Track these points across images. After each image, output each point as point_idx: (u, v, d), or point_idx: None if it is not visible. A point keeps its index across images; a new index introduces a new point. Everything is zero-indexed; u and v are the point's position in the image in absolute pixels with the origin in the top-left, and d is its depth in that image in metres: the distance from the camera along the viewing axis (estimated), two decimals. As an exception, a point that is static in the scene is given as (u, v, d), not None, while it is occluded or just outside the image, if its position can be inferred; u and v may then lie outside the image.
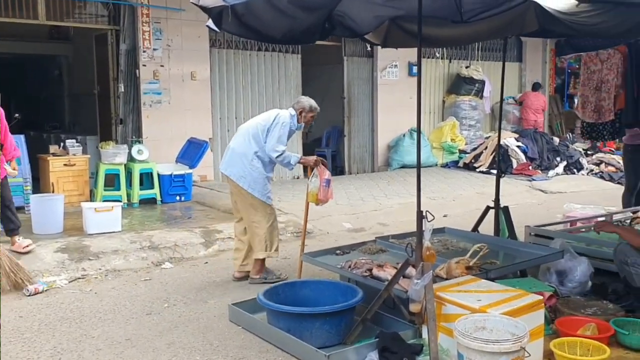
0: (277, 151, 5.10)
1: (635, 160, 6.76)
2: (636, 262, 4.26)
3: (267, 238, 5.24)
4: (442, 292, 3.76)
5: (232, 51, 10.10)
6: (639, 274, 4.27)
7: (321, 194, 5.20)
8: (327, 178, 5.22)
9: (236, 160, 5.23)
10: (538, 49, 14.96)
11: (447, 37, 5.29)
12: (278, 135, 5.10)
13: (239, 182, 5.20)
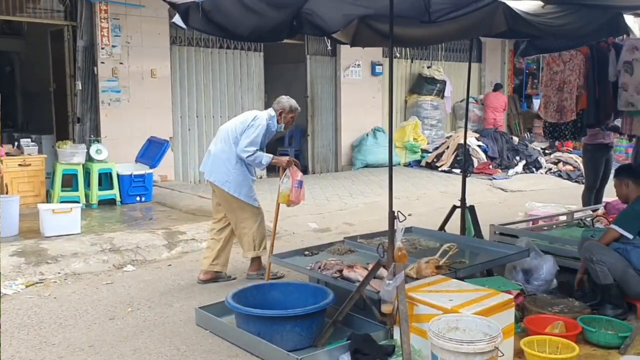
0: (247, 152, 5.05)
1: (595, 159, 6.92)
2: (601, 260, 4.34)
3: (254, 237, 5.26)
4: (413, 293, 3.75)
5: (193, 49, 9.92)
6: (604, 272, 4.33)
7: (293, 195, 5.16)
8: (299, 179, 5.17)
9: (219, 165, 5.18)
10: (497, 49, 15.21)
11: (415, 37, 5.29)
12: (251, 137, 5.06)
13: (224, 187, 5.16)
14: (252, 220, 5.24)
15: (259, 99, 10.76)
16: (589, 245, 4.46)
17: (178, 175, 9.78)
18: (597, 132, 6.76)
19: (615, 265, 4.34)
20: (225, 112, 10.30)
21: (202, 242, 6.43)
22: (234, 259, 6.04)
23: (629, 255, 4.41)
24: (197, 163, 10.04)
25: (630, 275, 4.33)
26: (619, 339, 3.89)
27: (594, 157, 6.94)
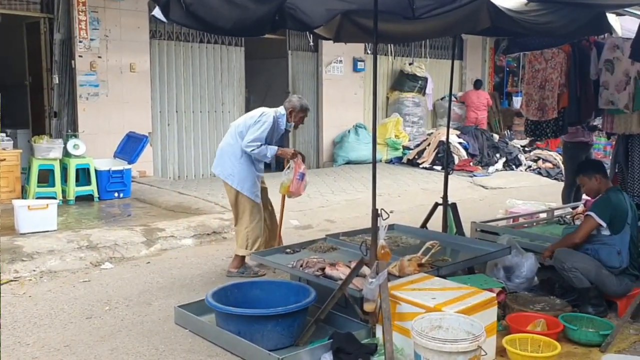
0: (251, 146, 5.12)
1: (575, 157, 6.96)
2: (573, 267, 4.37)
3: (249, 236, 5.25)
4: (396, 291, 3.72)
5: (173, 43, 9.78)
6: (578, 277, 4.37)
7: (293, 187, 5.28)
8: (301, 171, 5.28)
9: (225, 159, 5.30)
10: (478, 47, 15.27)
11: (399, 33, 5.25)
12: (255, 133, 5.13)
13: (228, 180, 5.26)
14: (249, 218, 5.25)
15: (240, 94, 10.67)
16: (559, 254, 4.47)
17: (157, 171, 9.65)
18: (578, 130, 6.80)
19: (588, 269, 4.36)
20: (205, 107, 10.20)
21: (181, 239, 6.36)
22: (215, 257, 5.99)
23: (598, 255, 4.44)
24: (177, 159, 9.94)
25: (605, 275, 4.35)
26: (600, 337, 3.90)
27: (574, 155, 6.97)
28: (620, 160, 6.27)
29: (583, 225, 4.53)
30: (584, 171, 4.74)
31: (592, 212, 4.46)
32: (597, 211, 4.44)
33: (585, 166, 4.89)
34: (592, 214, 4.45)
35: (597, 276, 4.35)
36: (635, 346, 3.92)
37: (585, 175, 4.68)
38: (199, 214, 7.11)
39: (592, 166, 4.78)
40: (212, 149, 10.30)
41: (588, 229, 4.47)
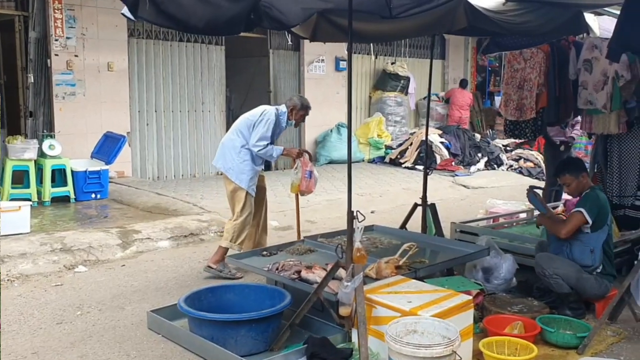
0: (258, 146, 5.22)
1: (556, 156, 6.97)
2: (555, 273, 4.33)
3: (235, 229, 5.29)
4: (372, 294, 3.66)
5: (151, 41, 9.64)
6: (558, 283, 4.33)
7: (303, 185, 5.38)
8: (309, 169, 5.40)
9: (225, 153, 5.39)
10: (460, 47, 15.29)
11: (376, 32, 5.20)
12: (260, 132, 5.22)
13: (227, 173, 5.36)
14: (240, 211, 5.31)
15: (220, 93, 10.56)
16: (540, 260, 4.43)
17: (136, 172, 9.52)
18: (559, 129, 6.80)
19: (569, 274, 4.32)
20: (185, 106, 10.07)
21: (158, 241, 6.26)
22: (192, 259, 5.90)
23: (571, 251, 4.42)
24: (156, 159, 9.81)
25: (585, 279, 4.33)
26: (578, 339, 3.88)
27: (555, 154, 6.97)
28: (600, 160, 6.28)
29: (572, 220, 4.41)
30: (570, 170, 4.63)
31: (582, 209, 4.36)
32: (588, 208, 4.35)
33: (571, 165, 4.80)
34: (583, 210, 4.35)
35: (577, 281, 4.32)
36: (612, 348, 3.90)
37: (572, 174, 4.58)
38: (176, 215, 7.01)
39: (578, 165, 4.71)
40: (192, 149, 10.20)
41: (576, 225, 4.38)
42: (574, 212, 4.44)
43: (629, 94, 5.60)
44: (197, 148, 10.27)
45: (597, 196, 4.43)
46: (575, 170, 4.60)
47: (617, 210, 6.06)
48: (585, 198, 4.45)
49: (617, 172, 6.17)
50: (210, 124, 10.42)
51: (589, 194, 4.47)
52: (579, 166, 4.66)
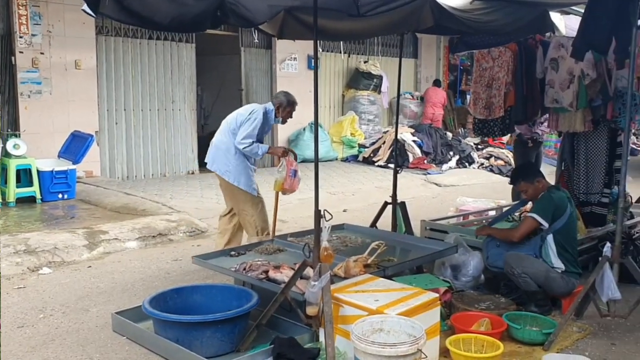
0: (243, 143, 5.25)
1: (525, 154, 7.05)
2: (523, 272, 4.37)
3: (257, 224, 5.42)
4: (339, 294, 3.64)
5: (120, 39, 9.48)
6: (527, 282, 4.37)
7: (287, 184, 5.42)
8: (294, 168, 5.45)
9: (220, 155, 5.41)
10: (432, 46, 15.38)
11: (343, 30, 5.19)
12: (247, 130, 5.25)
13: (225, 177, 5.38)
14: (252, 208, 5.41)
15: (191, 91, 10.44)
16: (509, 259, 4.46)
17: (105, 171, 9.36)
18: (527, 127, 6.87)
19: (537, 273, 4.36)
20: (154, 105, 9.94)
21: (125, 241, 6.16)
22: (160, 260, 5.82)
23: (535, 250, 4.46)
24: (125, 158, 9.67)
25: (552, 278, 4.37)
26: (544, 335, 3.91)
27: (524, 153, 7.04)
28: (567, 158, 6.36)
29: (523, 225, 4.50)
30: (524, 177, 4.69)
31: (534, 214, 4.43)
32: (540, 213, 4.42)
33: (523, 171, 4.84)
34: (535, 215, 4.42)
35: (545, 280, 4.36)
36: (577, 344, 3.94)
37: (527, 181, 4.64)
38: (145, 215, 6.92)
39: (530, 170, 4.76)
40: (162, 148, 10.08)
41: (527, 230, 4.46)
42: (526, 217, 4.52)
43: (595, 93, 5.67)
44: (168, 147, 10.14)
45: (550, 198, 4.47)
46: (528, 176, 4.66)
47: (584, 208, 6.15)
48: (539, 201, 4.50)
49: (584, 170, 6.26)
50: (181, 123, 10.30)
51: (543, 197, 4.52)
52: (532, 171, 4.72)
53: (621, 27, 3.97)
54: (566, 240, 4.46)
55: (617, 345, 3.92)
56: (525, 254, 4.46)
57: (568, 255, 4.46)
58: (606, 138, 6.10)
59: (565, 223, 4.44)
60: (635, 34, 3.94)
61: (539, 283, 4.35)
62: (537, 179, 4.62)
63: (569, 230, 4.49)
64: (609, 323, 4.22)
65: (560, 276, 4.38)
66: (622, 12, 3.90)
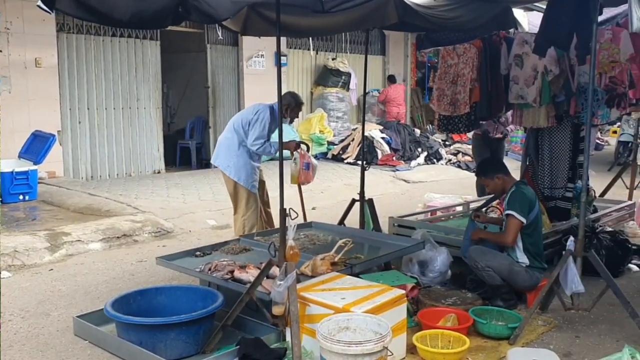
0: (256, 144, 5.47)
1: (482, 148, 7.16)
2: (487, 266, 4.40)
3: (245, 224, 5.64)
4: (305, 292, 3.62)
5: (82, 36, 9.26)
6: (491, 275, 4.40)
7: (302, 177, 5.73)
8: (306, 161, 5.73)
9: (224, 151, 5.63)
10: (400, 43, 15.43)
11: (308, 27, 5.15)
12: (257, 131, 5.45)
13: (226, 171, 5.60)
14: (245, 207, 5.59)
15: (156, 89, 10.26)
16: (473, 253, 4.49)
17: (68, 172, 9.15)
18: (489, 123, 6.94)
19: (501, 267, 4.40)
20: (119, 103, 9.75)
21: (89, 243, 6.03)
22: (125, 261, 5.71)
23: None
24: (89, 158, 9.46)
25: (516, 272, 4.41)
26: (509, 329, 3.93)
27: (481, 148, 7.12)
28: (531, 154, 6.44)
29: (510, 227, 4.42)
30: (484, 173, 4.75)
31: (512, 212, 4.39)
32: (518, 209, 4.40)
33: (484, 168, 4.87)
34: (514, 213, 4.38)
35: (509, 274, 4.40)
36: (542, 337, 3.98)
37: (487, 177, 4.70)
38: (109, 216, 6.77)
39: (491, 167, 4.77)
40: (127, 147, 9.90)
41: (516, 231, 4.41)
42: (508, 217, 4.44)
43: (558, 88, 5.75)
44: (133, 146, 9.96)
45: (523, 194, 4.47)
46: (487, 173, 4.70)
47: (548, 202, 6.24)
48: (513, 199, 4.47)
49: (548, 165, 6.34)
50: (146, 121, 10.13)
51: (515, 193, 4.50)
52: (491, 168, 4.73)
53: (582, 23, 4.02)
54: (532, 236, 4.50)
55: (581, 337, 3.97)
56: (488, 249, 4.50)
57: (533, 250, 4.50)
58: (570, 133, 6.19)
59: (533, 218, 4.47)
60: (596, 30, 3.99)
61: (503, 277, 4.39)
62: (496, 176, 4.64)
63: (535, 226, 4.52)
64: (573, 316, 4.28)
65: (525, 270, 4.42)
66: (582, 9, 3.95)
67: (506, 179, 4.66)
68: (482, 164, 5.15)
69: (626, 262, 5.37)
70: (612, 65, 5.64)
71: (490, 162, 5.05)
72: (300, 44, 12.90)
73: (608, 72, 5.68)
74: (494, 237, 4.65)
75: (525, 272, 4.42)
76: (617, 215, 6.74)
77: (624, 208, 6.96)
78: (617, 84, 5.67)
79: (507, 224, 4.46)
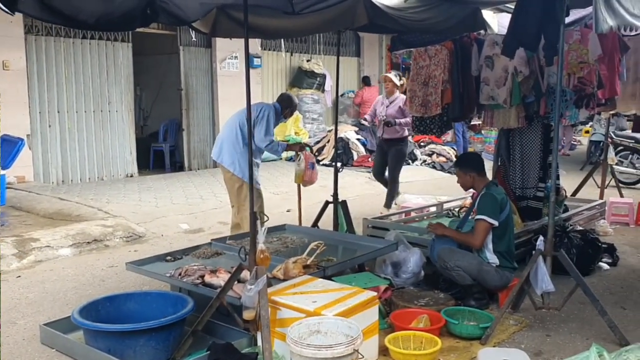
0: (265, 141, 5.47)
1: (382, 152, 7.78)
2: (455, 266, 4.41)
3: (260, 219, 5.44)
4: (276, 296, 3.58)
5: (52, 39, 9.12)
6: (460, 275, 4.42)
7: (307, 176, 5.80)
8: (311, 161, 5.81)
9: (228, 148, 5.61)
10: (375, 44, 15.49)
11: (278, 28, 5.12)
12: (264, 128, 5.46)
13: (230, 169, 5.60)
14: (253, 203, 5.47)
15: (128, 92, 10.15)
16: (441, 253, 4.50)
17: (38, 176, 8.99)
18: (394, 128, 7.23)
19: (470, 266, 4.41)
20: (90, 106, 9.61)
21: (58, 249, 5.92)
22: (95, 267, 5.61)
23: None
24: (60, 162, 9.31)
25: (485, 271, 4.43)
26: (481, 329, 3.95)
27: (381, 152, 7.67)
28: (503, 154, 6.49)
29: (479, 230, 4.44)
30: (460, 165, 4.77)
31: (484, 217, 4.42)
32: (489, 214, 4.43)
33: (463, 160, 4.89)
34: (485, 217, 4.41)
35: (479, 273, 4.42)
36: (514, 337, 4.00)
37: (461, 170, 4.72)
38: (79, 221, 6.66)
39: (469, 163, 4.77)
40: (99, 150, 9.76)
41: (485, 234, 4.44)
42: (477, 221, 4.48)
43: (528, 89, 5.81)
44: (105, 149, 9.83)
45: (493, 197, 4.49)
46: (464, 168, 4.70)
47: (520, 202, 6.30)
48: (483, 203, 4.49)
49: (520, 165, 6.40)
50: (118, 124, 10.01)
51: (485, 196, 4.52)
52: (471, 165, 4.71)
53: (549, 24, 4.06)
54: (502, 237, 4.52)
55: (552, 336, 4.00)
56: (457, 248, 4.51)
57: (504, 250, 4.53)
58: (540, 134, 6.26)
59: (504, 219, 4.50)
60: (563, 31, 4.03)
61: (473, 276, 4.41)
62: (470, 173, 4.66)
63: (506, 226, 4.55)
64: (544, 315, 4.31)
65: (495, 270, 4.45)
66: (549, 10, 3.98)
67: (477, 179, 4.67)
68: (465, 156, 5.19)
69: (597, 261, 5.44)
70: (581, 66, 5.71)
71: (473, 157, 5.01)
72: (275, 45, 12.86)
73: (577, 72, 5.75)
74: (462, 237, 4.64)
75: (495, 272, 4.44)
76: (589, 214, 6.84)
77: (595, 207, 7.07)
78: (586, 84, 5.73)
79: (476, 226, 4.49)
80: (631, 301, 4.66)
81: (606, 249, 5.65)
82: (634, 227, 7.10)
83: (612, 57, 5.84)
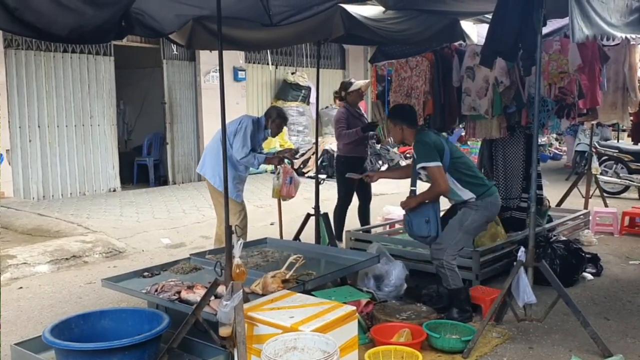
0: (241, 153, 5.44)
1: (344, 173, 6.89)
2: (450, 263, 4.36)
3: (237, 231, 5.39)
4: (253, 312, 3.51)
5: (32, 52, 9.02)
6: (453, 275, 4.36)
7: (284, 191, 5.73)
8: (290, 176, 5.74)
9: (210, 161, 5.62)
10: (360, 57, 15.52)
11: (256, 40, 5.09)
12: (240, 139, 5.43)
13: (211, 181, 5.59)
14: (234, 217, 5.46)
15: (111, 106, 10.06)
16: (434, 251, 4.45)
17: (18, 192, 8.85)
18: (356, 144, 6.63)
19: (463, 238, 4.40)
20: (71, 120, 9.51)
21: (35, 266, 5.80)
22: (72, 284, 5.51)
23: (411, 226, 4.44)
24: (41, 177, 9.19)
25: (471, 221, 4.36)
26: (463, 343, 3.89)
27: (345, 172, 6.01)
28: (485, 164, 6.48)
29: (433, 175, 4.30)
30: (392, 116, 4.62)
31: (424, 164, 4.27)
32: (427, 159, 4.28)
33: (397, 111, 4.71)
34: (426, 164, 4.26)
35: (467, 230, 4.38)
36: (497, 349, 3.95)
37: (392, 121, 4.56)
38: (58, 237, 6.55)
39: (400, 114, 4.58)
40: (80, 165, 9.65)
41: (439, 174, 4.27)
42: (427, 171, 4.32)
43: (509, 100, 5.80)
44: (87, 164, 9.72)
45: (424, 142, 4.33)
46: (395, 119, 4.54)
47: (504, 213, 6.27)
48: (417, 153, 4.36)
49: (503, 176, 6.39)
50: (101, 139, 9.90)
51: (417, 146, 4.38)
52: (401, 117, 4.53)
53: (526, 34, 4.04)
54: (460, 170, 4.38)
55: (535, 348, 3.96)
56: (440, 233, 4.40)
57: (470, 180, 4.39)
58: (523, 144, 6.26)
59: (450, 157, 4.35)
60: (540, 41, 4.02)
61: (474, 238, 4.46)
62: (400, 125, 4.48)
63: (456, 161, 4.39)
64: (527, 327, 4.26)
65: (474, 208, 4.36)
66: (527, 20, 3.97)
67: (407, 131, 4.49)
68: (397, 107, 5.09)
69: (580, 271, 5.41)
70: (561, 76, 5.72)
71: (406, 109, 4.74)
72: (260, 58, 12.84)
73: (557, 82, 5.77)
74: (427, 194, 4.41)
75: (475, 211, 4.35)
76: (573, 224, 6.82)
77: (579, 217, 7.06)
78: (567, 94, 5.74)
79: (429, 175, 4.33)
80: (614, 312, 4.63)
81: (590, 259, 5.63)
82: (618, 237, 7.09)
83: (593, 67, 5.85)
